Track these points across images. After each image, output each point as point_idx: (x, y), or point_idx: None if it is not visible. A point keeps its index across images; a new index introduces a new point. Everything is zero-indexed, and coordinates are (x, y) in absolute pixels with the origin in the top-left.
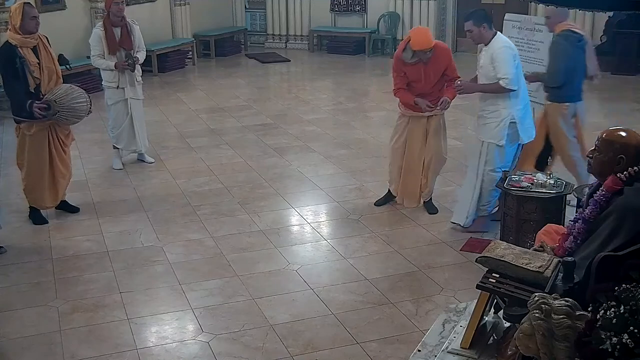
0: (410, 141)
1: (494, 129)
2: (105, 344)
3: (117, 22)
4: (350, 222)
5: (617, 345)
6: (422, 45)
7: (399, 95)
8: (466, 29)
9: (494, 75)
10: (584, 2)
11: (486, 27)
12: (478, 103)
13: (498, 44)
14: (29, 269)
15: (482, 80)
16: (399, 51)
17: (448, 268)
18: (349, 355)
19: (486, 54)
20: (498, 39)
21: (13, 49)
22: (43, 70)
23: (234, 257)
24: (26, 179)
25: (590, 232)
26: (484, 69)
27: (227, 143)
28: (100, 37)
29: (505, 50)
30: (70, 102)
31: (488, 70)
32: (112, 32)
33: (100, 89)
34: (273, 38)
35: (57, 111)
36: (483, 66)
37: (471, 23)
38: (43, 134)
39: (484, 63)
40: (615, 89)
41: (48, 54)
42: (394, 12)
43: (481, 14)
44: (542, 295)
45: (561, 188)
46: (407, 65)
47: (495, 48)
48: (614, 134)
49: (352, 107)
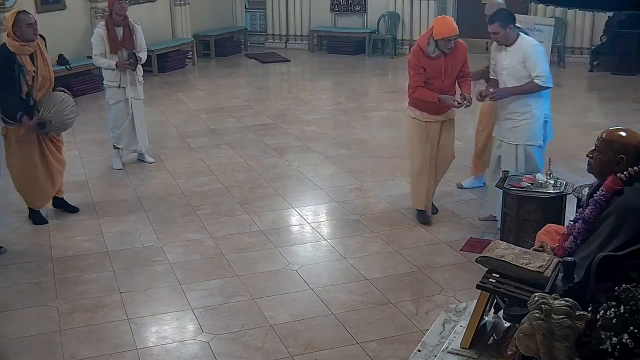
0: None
1: (529, 130)
2: (105, 344)
3: (120, 21)
4: (350, 222)
5: (617, 345)
6: (449, 32)
7: (419, 93)
8: (492, 31)
9: (525, 75)
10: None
11: (512, 27)
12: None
13: (528, 42)
14: (29, 269)
15: (509, 81)
16: (422, 45)
17: (448, 268)
18: (349, 355)
19: (513, 54)
20: (525, 38)
21: (11, 56)
22: (37, 78)
23: (234, 257)
24: (18, 182)
25: (590, 232)
26: (512, 69)
27: (227, 143)
28: (102, 36)
29: (537, 48)
30: (63, 119)
31: (517, 70)
32: (115, 32)
33: (100, 88)
34: (273, 38)
35: (50, 130)
36: (509, 67)
37: (497, 25)
38: (32, 134)
39: (511, 64)
40: (615, 89)
41: (44, 60)
42: (394, 12)
43: (507, 15)
44: (542, 295)
45: (561, 188)
46: (429, 59)
47: (526, 47)
48: (614, 134)
49: (352, 107)
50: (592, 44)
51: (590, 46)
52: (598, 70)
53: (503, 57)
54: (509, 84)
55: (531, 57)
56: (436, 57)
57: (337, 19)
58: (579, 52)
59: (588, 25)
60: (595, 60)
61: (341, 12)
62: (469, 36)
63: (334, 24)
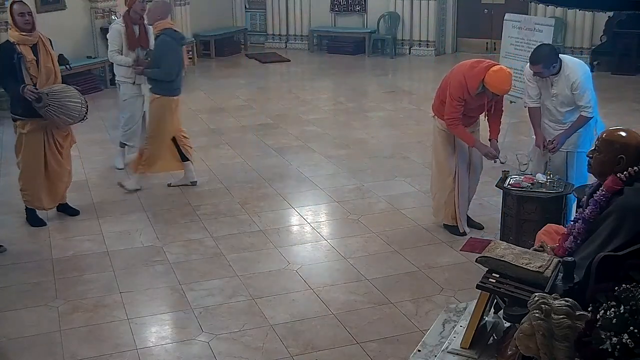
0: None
1: (581, 137)
2: (105, 344)
3: (137, 20)
4: (350, 222)
5: (617, 345)
6: (503, 92)
7: (460, 131)
8: (534, 71)
9: (574, 101)
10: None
11: (556, 64)
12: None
13: (574, 71)
14: (29, 269)
15: (561, 107)
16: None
17: (448, 268)
18: (349, 355)
19: (562, 83)
20: (568, 63)
21: (11, 45)
22: (40, 69)
23: (234, 257)
24: (21, 179)
25: (590, 232)
26: (562, 97)
27: (227, 143)
28: (121, 33)
29: (586, 76)
30: (62, 99)
31: (568, 97)
32: (132, 29)
33: (100, 89)
34: (273, 38)
35: (48, 104)
36: (559, 94)
37: (541, 67)
38: (38, 133)
39: (560, 91)
40: (615, 89)
41: (48, 53)
42: (394, 12)
43: (550, 55)
44: (542, 295)
45: (561, 188)
46: (470, 96)
47: (574, 77)
48: (614, 134)
49: (352, 107)
50: (592, 44)
51: (590, 46)
52: (598, 70)
53: (549, 85)
54: (559, 109)
55: (579, 87)
56: (478, 94)
57: (337, 19)
58: (579, 52)
59: (588, 25)
60: (595, 60)
61: (341, 12)
62: (468, 36)
63: (334, 24)
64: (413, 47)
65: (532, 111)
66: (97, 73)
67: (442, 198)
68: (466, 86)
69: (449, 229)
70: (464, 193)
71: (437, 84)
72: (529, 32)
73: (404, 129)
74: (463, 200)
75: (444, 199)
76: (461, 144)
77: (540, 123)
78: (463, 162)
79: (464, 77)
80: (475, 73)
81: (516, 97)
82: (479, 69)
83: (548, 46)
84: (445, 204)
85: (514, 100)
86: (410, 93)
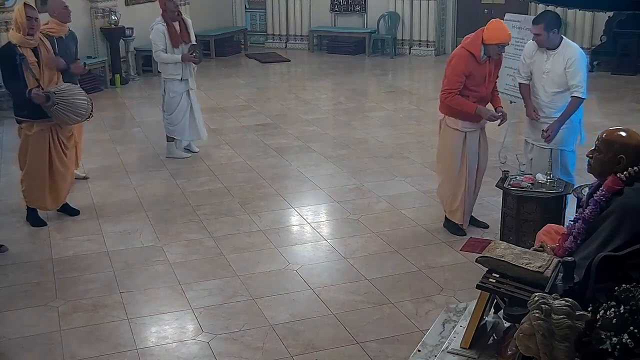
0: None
1: (563, 135)
2: (105, 344)
3: (175, 16)
4: (350, 222)
5: (617, 345)
6: (506, 38)
7: (456, 101)
8: (534, 32)
9: (566, 82)
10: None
11: (556, 32)
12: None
13: (573, 49)
14: (29, 269)
15: (548, 86)
16: (475, 50)
17: (448, 268)
18: (349, 355)
19: (557, 59)
20: (570, 43)
21: (13, 48)
22: (43, 71)
23: (234, 257)
24: (25, 180)
25: (590, 232)
26: (554, 74)
27: (227, 143)
28: (164, 32)
29: (582, 56)
30: (70, 97)
31: (559, 76)
32: (173, 27)
33: (100, 89)
34: (273, 38)
35: (56, 103)
36: (551, 71)
37: (542, 27)
38: (44, 134)
39: (554, 69)
40: (615, 89)
41: (49, 55)
42: (394, 12)
43: (553, 19)
44: (542, 295)
45: (561, 188)
46: (477, 65)
47: (571, 54)
48: (614, 134)
49: (352, 107)
50: (592, 44)
51: (590, 46)
52: (598, 70)
53: (545, 60)
54: (547, 89)
55: (574, 65)
56: (483, 63)
57: (337, 19)
58: None
59: (588, 25)
60: (595, 60)
61: (341, 12)
62: None
63: (334, 24)
64: (413, 47)
65: (522, 86)
66: (97, 73)
67: (456, 201)
68: (471, 54)
69: (449, 228)
70: (471, 192)
71: (437, 83)
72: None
73: (404, 129)
74: (469, 198)
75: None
76: (470, 145)
77: (530, 96)
78: (473, 161)
79: (465, 49)
80: (473, 39)
81: (516, 97)
82: (475, 35)
83: (554, 12)
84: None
85: (514, 100)
86: (410, 93)
